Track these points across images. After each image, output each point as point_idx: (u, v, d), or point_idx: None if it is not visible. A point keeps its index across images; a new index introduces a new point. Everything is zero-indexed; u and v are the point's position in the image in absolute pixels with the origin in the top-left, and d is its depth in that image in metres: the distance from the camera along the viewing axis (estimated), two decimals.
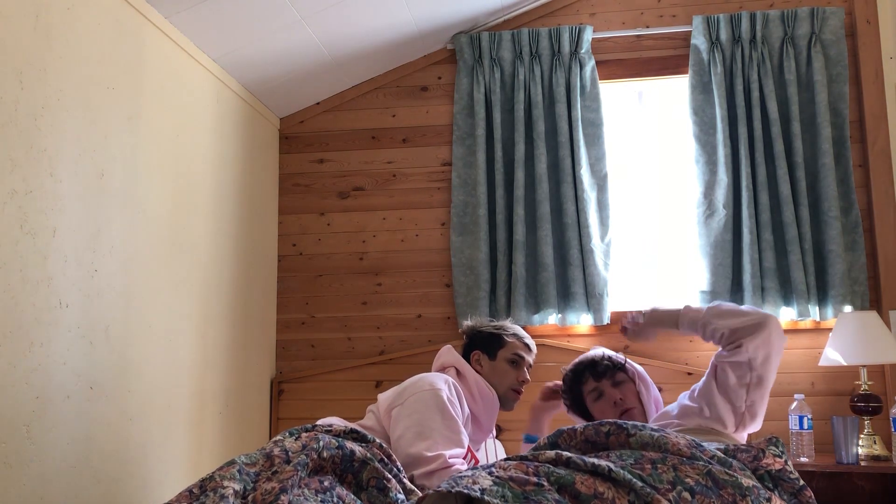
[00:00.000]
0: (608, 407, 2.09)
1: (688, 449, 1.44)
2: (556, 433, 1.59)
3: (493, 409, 2.14)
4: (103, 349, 2.17)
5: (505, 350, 2.21)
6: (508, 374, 2.19)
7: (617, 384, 2.12)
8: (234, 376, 3.00)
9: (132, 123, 2.35)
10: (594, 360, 2.18)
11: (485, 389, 2.12)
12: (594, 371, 2.14)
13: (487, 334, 2.25)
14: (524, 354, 2.23)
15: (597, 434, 1.54)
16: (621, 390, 2.10)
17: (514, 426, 3.15)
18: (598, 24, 3.39)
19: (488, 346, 2.23)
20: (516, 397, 2.21)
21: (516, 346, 2.23)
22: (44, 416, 1.92)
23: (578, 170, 3.19)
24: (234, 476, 1.48)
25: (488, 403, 2.12)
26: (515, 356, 2.21)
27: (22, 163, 1.86)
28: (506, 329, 2.26)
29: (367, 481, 1.58)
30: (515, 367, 2.20)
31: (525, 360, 2.23)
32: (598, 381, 2.13)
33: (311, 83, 3.36)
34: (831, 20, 3.18)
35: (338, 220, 3.47)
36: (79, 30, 2.10)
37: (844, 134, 3.13)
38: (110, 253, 2.21)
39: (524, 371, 2.22)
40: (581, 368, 2.18)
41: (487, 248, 3.23)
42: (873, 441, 2.72)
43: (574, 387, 2.19)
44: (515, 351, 2.22)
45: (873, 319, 2.76)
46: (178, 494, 1.44)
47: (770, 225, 3.07)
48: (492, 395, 2.12)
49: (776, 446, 1.56)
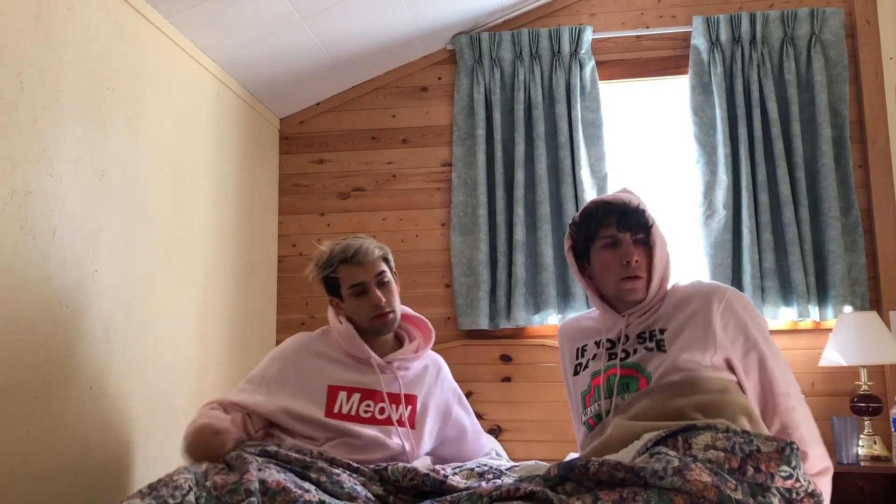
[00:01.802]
0: (615, 262, 1.74)
1: (714, 489, 1.29)
2: (569, 466, 1.42)
3: (352, 341, 1.99)
4: (103, 349, 2.17)
5: (343, 287, 2.00)
6: (361, 308, 1.98)
7: (638, 243, 1.76)
8: (234, 376, 3.00)
9: (132, 124, 2.35)
10: (628, 207, 1.77)
11: (337, 325, 2.02)
12: (623, 219, 1.75)
13: (322, 279, 2.04)
14: (360, 278, 1.97)
15: (611, 478, 1.37)
16: (640, 252, 1.75)
17: (515, 426, 3.15)
18: (598, 25, 3.39)
19: (331, 291, 2.05)
20: (382, 321, 1.98)
21: (348, 274, 1.98)
22: (44, 416, 1.92)
23: (578, 170, 3.19)
24: (182, 472, 1.54)
25: (346, 337, 2.00)
26: (354, 287, 1.98)
27: (22, 163, 1.86)
28: (331, 261, 2.01)
29: (316, 480, 1.60)
30: (363, 295, 1.98)
31: (367, 282, 1.98)
32: (621, 230, 1.75)
33: (311, 83, 3.36)
34: (831, 20, 3.18)
35: (338, 220, 3.47)
36: (79, 30, 2.10)
37: (844, 134, 3.13)
38: (110, 253, 2.21)
39: (373, 293, 1.97)
40: (609, 209, 1.78)
41: (487, 249, 3.23)
42: (873, 441, 2.72)
43: (591, 223, 1.79)
44: (351, 282, 1.98)
45: (873, 320, 2.76)
46: (128, 496, 1.47)
47: (770, 225, 3.07)
48: (343, 328, 2.00)
49: (788, 464, 1.42)
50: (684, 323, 1.70)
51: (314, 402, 1.93)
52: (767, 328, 1.73)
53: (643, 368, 1.69)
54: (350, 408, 1.93)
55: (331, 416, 1.91)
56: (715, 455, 1.39)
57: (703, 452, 1.41)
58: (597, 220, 1.78)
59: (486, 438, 2.30)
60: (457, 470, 1.89)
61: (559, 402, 3.07)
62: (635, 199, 1.80)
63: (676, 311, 1.74)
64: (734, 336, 1.67)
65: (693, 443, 1.45)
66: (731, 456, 1.40)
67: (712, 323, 1.67)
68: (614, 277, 1.74)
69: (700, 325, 1.68)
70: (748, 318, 1.70)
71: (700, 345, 1.65)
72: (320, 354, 2.02)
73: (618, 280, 1.74)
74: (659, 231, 1.79)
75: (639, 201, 1.80)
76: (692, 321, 1.69)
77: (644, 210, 1.78)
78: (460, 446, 2.15)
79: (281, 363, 2.03)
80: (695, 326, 1.68)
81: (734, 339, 1.67)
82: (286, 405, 1.93)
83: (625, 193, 1.83)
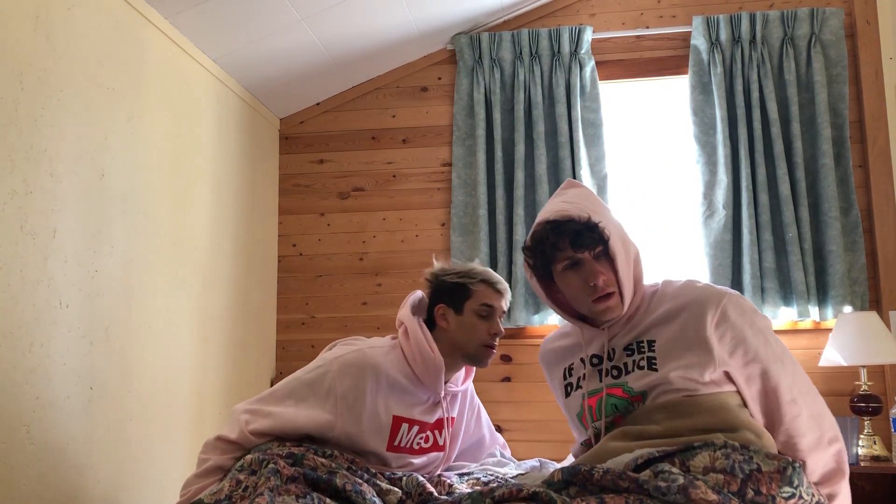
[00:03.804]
0: (581, 284, 1.60)
1: None
2: (573, 471, 1.38)
3: (436, 374, 1.83)
4: (103, 349, 2.17)
5: (472, 301, 1.87)
6: (478, 329, 1.86)
7: (599, 257, 1.61)
8: (234, 376, 3.00)
9: (132, 123, 2.35)
10: (578, 225, 1.60)
11: (428, 353, 1.83)
12: (576, 240, 1.60)
13: (451, 284, 1.90)
14: (494, 303, 1.88)
15: (615, 486, 1.34)
16: (604, 266, 1.60)
17: (516, 426, 3.16)
18: (598, 25, 3.39)
19: (453, 298, 1.89)
20: (489, 353, 1.89)
21: (485, 294, 1.88)
22: (44, 417, 1.92)
23: (578, 170, 3.19)
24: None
25: (430, 368, 1.83)
26: (484, 307, 1.87)
27: (22, 163, 1.86)
28: (472, 275, 1.90)
29: (342, 487, 1.54)
30: (485, 319, 1.87)
31: (497, 309, 1.89)
32: (577, 251, 1.60)
33: (311, 83, 3.36)
34: (831, 21, 3.18)
35: (338, 220, 3.47)
36: (79, 30, 2.10)
37: (844, 134, 3.13)
38: (110, 253, 2.21)
39: (496, 322, 1.89)
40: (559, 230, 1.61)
41: (487, 249, 3.23)
42: (873, 441, 2.72)
43: (545, 248, 1.64)
44: (483, 301, 1.87)
45: (873, 320, 2.76)
46: None
47: (770, 225, 3.07)
48: (435, 359, 1.83)
49: (790, 485, 1.36)
50: (676, 336, 1.58)
51: (378, 434, 1.80)
52: (770, 328, 1.62)
53: (631, 388, 1.60)
54: (409, 441, 1.85)
55: (391, 450, 1.82)
56: (714, 479, 1.35)
57: (702, 475, 1.37)
58: (550, 245, 1.62)
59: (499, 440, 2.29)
60: (463, 479, 1.89)
61: None
62: (583, 207, 1.61)
63: (666, 321, 1.61)
64: (732, 348, 1.56)
65: (691, 465, 1.39)
66: (730, 479, 1.35)
67: (707, 338, 1.54)
68: (585, 300, 1.62)
69: (694, 341, 1.55)
70: (746, 327, 1.56)
71: (695, 363, 1.54)
72: (391, 381, 1.83)
73: (590, 302, 1.61)
74: (618, 238, 1.62)
75: (588, 212, 1.60)
76: (684, 335, 1.57)
77: (596, 223, 1.59)
78: (475, 456, 2.14)
79: (353, 380, 1.78)
80: (688, 342, 1.56)
81: (732, 351, 1.56)
82: (350, 431, 1.76)
83: (569, 204, 1.63)
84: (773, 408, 1.57)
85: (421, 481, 1.67)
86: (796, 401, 1.58)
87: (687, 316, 1.58)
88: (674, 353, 1.56)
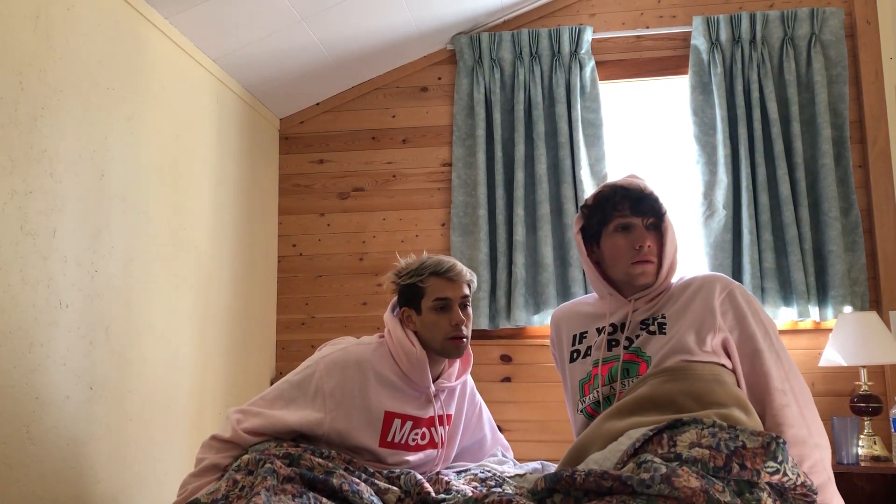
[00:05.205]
0: (627, 246, 1.73)
1: (702, 495, 1.28)
2: (555, 478, 1.41)
3: (420, 367, 1.85)
4: (103, 349, 2.17)
5: (426, 299, 1.87)
6: (438, 325, 1.85)
7: (650, 228, 1.75)
8: (234, 376, 3.00)
9: (132, 124, 2.35)
10: (643, 193, 1.76)
11: (409, 347, 1.86)
12: (637, 204, 1.75)
13: (405, 287, 1.91)
14: (448, 294, 1.86)
15: (598, 487, 1.36)
16: (651, 237, 1.74)
17: (517, 426, 3.15)
18: (598, 25, 3.39)
19: (410, 300, 1.90)
20: (457, 343, 1.86)
21: (436, 288, 1.86)
22: (44, 417, 1.92)
23: (578, 170, 3.19)
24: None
25: (413, 362, 1.85)
26: (438, 301, 1.85)
27: (22, 163, 1.86)
28: (420, 272, 1.89)
29: (339, 487, 1.55)
30: (443, 311, 1.86)
31: (452, 299, 1.86)
32: (635, 215, 1.75)
33: (311, 83, 3.36)
34: (831, 21, 3.18)
35: (338, 220, 3.47)
36: (79, 30, 2.10)
37: (844, 134, 3.13)
38: (110, 253, 2.21)
39: (456, 312, 1.86)
40: (625, 193, 1.76)
41: (487, 249, 3.23)
42: (873, 441, 2.72)
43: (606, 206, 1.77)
44: (436, 296, 1.86)
45: (873, 320, 2.76)
46: None
47: (770, 225, 3.07)
48: (417, 352, 1.85)
49: (774, 459, 1.40)
50: (687, 304, 1.70)
51: (370, 429, 1.81)
52: (773, 327, 1.71)
53: (643, 353, 1.69)
54: (402, 436, 1.86)
55: (384, 445, 1.83)
56: (700, 453, 1.38)
57: (687, 450, 1.40)
58: (611, 204, 1.76)
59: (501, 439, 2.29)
60: (461, 476, 1.89)
61: (559, 402, 3.07)
62: (648, 185, 1.81)
63: (680, 295, 1.74)
64: (731, 326, 1.67)
65: (678, 440, 1.44)
66: (715, 454, 1.38)
67: (713, 306, 1.67)
68: (625, 261, 1.74)
69: (700, 306, 1.68)
70: (749, 312, 1.69)
71: (699, 324, 1.66)
72: (379, 376, 1.85)
73: (629, 264, 1.74)
74: (670, 219, 1.80)
75: (652, 188, 1.80)
76: (693, 302, 1.69)
77: (657, 197, 1.79)
78: (476, 456, 2.14)
79: (340, 378, 1.82)
80: (695, 308, 1.68)
81: (731, 328, 1.67)
82: (339, 427, 1.79)
83: (637, 179, 1.81)
84: (762, 391, 1.65)
85: (419, 479, 1.68)
86: (786, 392, 1.65)
87: (697, 287, 1.73)
88: (682, 319, 1.69)
